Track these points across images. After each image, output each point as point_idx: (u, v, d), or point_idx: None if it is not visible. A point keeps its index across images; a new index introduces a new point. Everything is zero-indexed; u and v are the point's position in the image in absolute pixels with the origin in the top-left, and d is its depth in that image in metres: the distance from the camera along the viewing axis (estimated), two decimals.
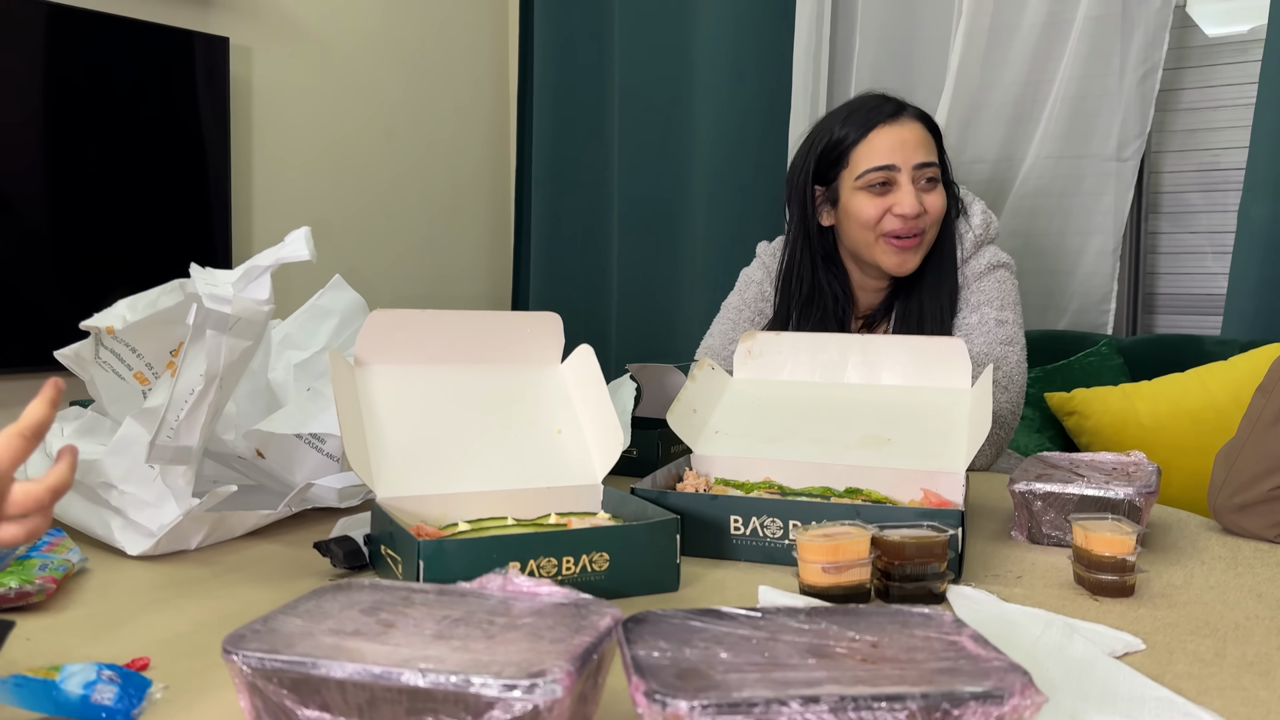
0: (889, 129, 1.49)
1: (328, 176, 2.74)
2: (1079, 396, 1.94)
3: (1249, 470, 1.02)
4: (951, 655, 0.53)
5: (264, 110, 2.60)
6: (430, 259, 2.99)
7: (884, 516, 0.89)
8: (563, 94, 2.94)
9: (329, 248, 2.74)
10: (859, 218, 1.50)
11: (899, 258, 1.50)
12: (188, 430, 0.91)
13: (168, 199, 2.33)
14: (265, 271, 0.95)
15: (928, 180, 1.49)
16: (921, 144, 1.49)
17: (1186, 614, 0.80)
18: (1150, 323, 2.42)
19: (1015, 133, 2.35)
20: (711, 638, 0.55)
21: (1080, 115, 2.27)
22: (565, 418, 1.01)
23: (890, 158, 1.48)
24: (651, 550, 0.82)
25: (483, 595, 0.62)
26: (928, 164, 1.49)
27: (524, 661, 0.52)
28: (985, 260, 1.54)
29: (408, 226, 2.93)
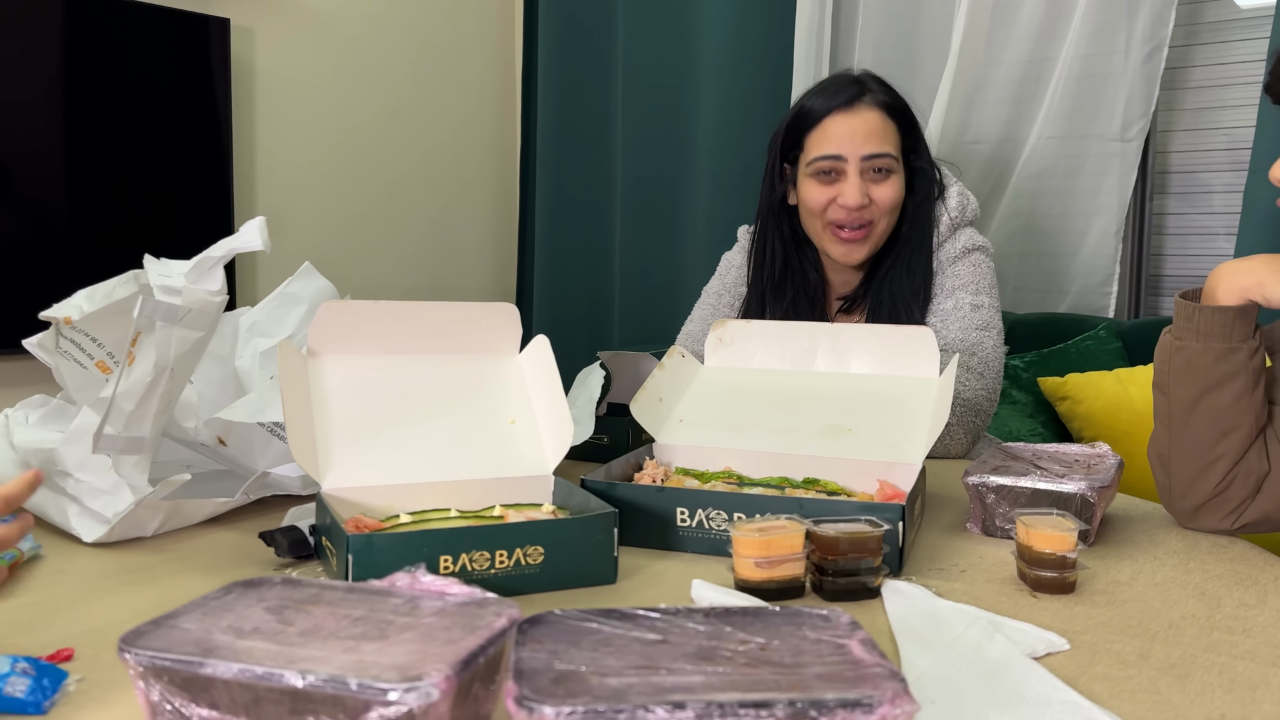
0: (842, 117, 1.47)
1: (332, 158, 2.75)
2: (1072, 381, 1.92)
3: (1186, 472, 1.01)
4: (836, 660, 0.53)
5: (267, 92, 2.61)
6: (435, 240, 3.00)
7: (826, 510, 0.89)
8: (567, 73, 2.93)
9: (332, 229, 2.75)
10: (806, 204, 1.51)
11: (844, 248, 1.49)
12: (138, 421, 0.92)
13: (168, 181, 2.35)
14: (218, 263, 0.96)
15: (877, 171, 1.47)
16: (874, 134, 1.46)
17: (1122, 612, 0.79)
18: (1156, 305, 2.39)
19: (1018, 112, 2.31)
20: (602, 640, 0.56)
21: (1084, 94, 2.24)
22: (519, 408, 1.01)
23: (838, 147, 1.46)
24: (587, 544, 0.83)
25: (390, 594, 0.63)
26: (878, 155, 1.46)
27: (407, 664, 0.52)
28: (961, 244, 1.52)
29: (412, 208, 2.94)
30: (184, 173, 2.38)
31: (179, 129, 2.36)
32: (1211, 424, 1.00)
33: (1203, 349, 0.99)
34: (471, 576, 0.79)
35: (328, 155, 2.75)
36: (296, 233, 2.68)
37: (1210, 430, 1.00)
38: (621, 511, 0.93)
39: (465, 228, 3.08)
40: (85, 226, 2.21)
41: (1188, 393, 1.01)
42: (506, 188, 3.16)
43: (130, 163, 2.28)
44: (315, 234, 2.72)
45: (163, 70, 2.33)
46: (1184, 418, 1.01)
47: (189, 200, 2.38)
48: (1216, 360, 0.99)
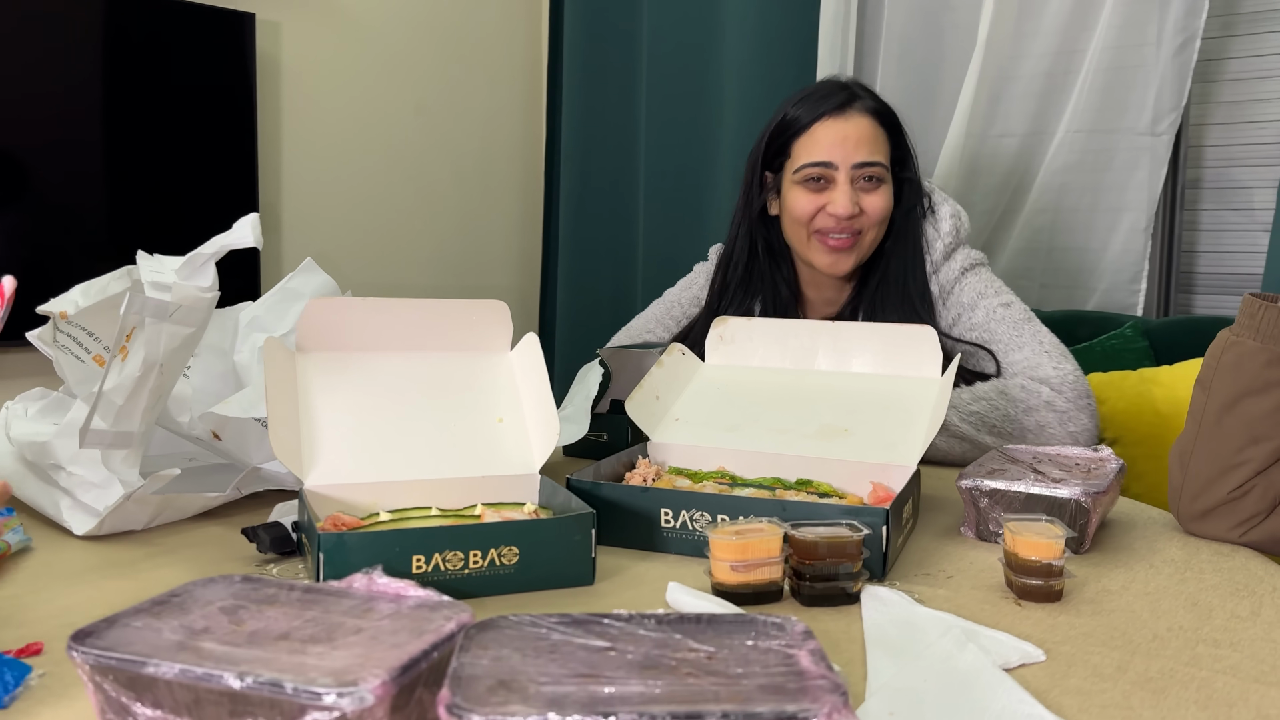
0: (832, 123, 1.43)
1: (357, 153, 2.77)
2: (1093, 381, 1.87)
3: (1204, 473, 0.98)
4: (781, 671, 0.52)
5: (293, 87, 2.63)
6: (460, 236, 3.00)
7: (810, 514, 0.87)
8: (592, 68, 2.93)
9: (357, 224, 2.77)
10: (793, 212, 1.46)
11: (831, 258, 1.45)
12: (127, 416, 0.93)
13: (192, 176, 2.37)
14: (210, 259, 0.96)
15: (868, 179, 1.43)
16: (866, 141, 1.43)
17: (1106, 623, 0.77)
18: (1187, 303, 2.34)
19: (1045, 106, 2.27)
20: (549, 647, 0.55)
21: (1113, 87, 2.19)
22: (508, 407, 1.01)
23: (829, 154, 1.42)
24: (563, 545, 0.82)
25: (347, 596, 0.63)
26: (870, 163, 1.42)
27: (346, 668, 0.52)
28: (958, 265, 1.47)
29: (437, 203, 2.95)
30: (209, 167, 2.40)
31: (204, 124, 2.38)
32: (1244, 428, 0.97)
33: (1257, 349, 0.96)
34: (445, 577, 0.78)
35: (353, 150, 2.76)
36: (321, 228, 2.70)
37: (1241, 434, 0.97)
38: (605, 512, 0.93)
39: (490, 223, 3.08)
40: (106, 220, 2.24)
41: (1229, 391, 0.98)
42: (532, 183, 3.17)
43: (153, 157, 2.31)
44: (340, 229, 2.74)
45: (188, 65, 2.35)
46: (1218, 416, 0.98)
47: (214, 195, 2.41)
48: (1269, 364, 0.96)
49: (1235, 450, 0.97)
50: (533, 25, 3.14)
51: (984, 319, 1.44)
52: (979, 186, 2.35)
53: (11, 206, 2.13)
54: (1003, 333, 1.42)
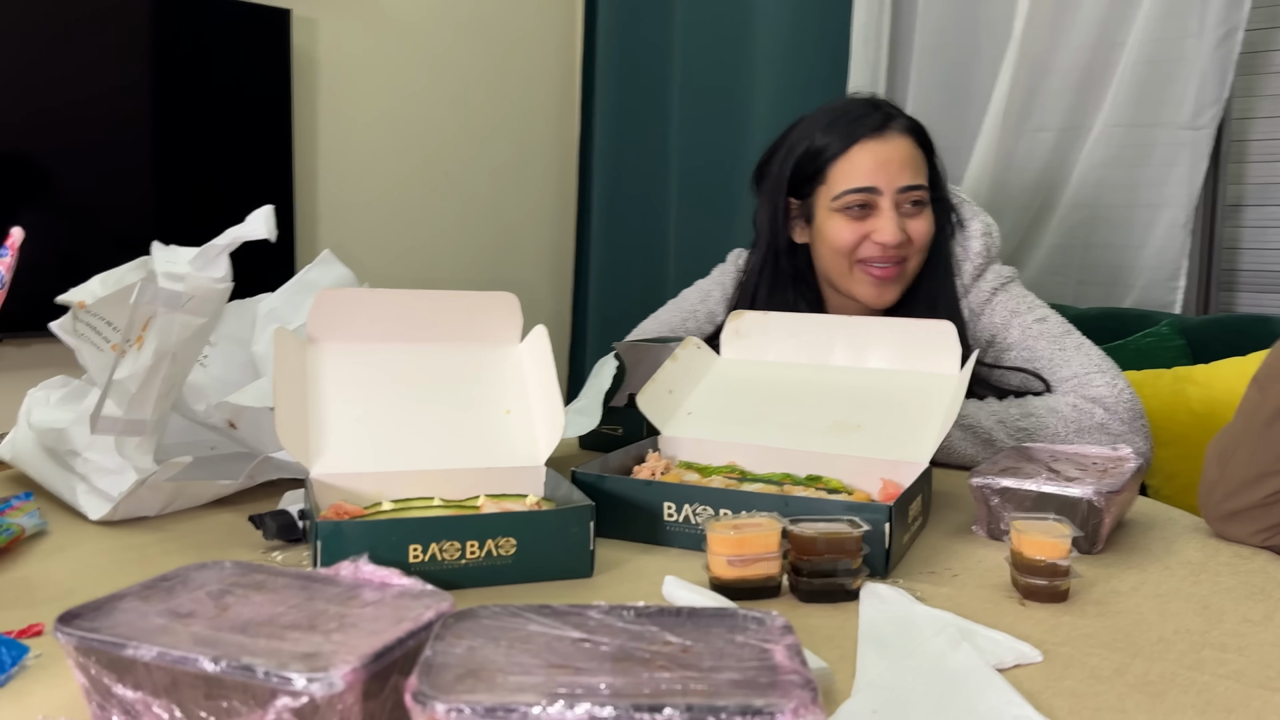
0: (872, 145, 1.34)
1: (393, 148, 2.79)
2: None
3: (1241, 474, 0.96)
4: (754, 665, 0.52)
5: (329, 83, 2.65)
6: (494, 230, 3.02)
7: (813, 509, 0.87)
8: (626, 64, 2.93)
9: (392, 219, 2.79)
10: (834, 243, 1.37)
11: (876, 289, 1.37)
12: (140, 404, 0.94)
13: (228, 171, 2.40)
14: (223, 250, 0.98)
15: (913, 204, 1.35)
16: (908, 163, 1.35)
17: (1110, 624, 0.76)
18: (1230, 302, 2.29)
19: (1082, 99, 2.23)
20: (523, 637, 0.55)
21: (1153, 81, 2.14)
22: (516, 399, 1.01)
23: (872, 179, 1.33)
24: (561, 537, 0.82)
25: (333, 583, 0.63)
26: (914, 186, 1.35)
27: (321, 653, 0.52)
28: (988, 286, 1.39)
29: (472, 197, 2.96)
30: (245, 163, 2.43)
31: (239, 120, 2.41)
32: None
33: None
34: (442, 567, 0.79)
35: (388, 146, 2.79)
36: (356, 223, 2.72)
37: None
38: (609, 505, 0.93)
39: (524, 219, 3.09)
40: (142, 216, 2.28)
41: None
42: (565, 179, 3.17)
43: (189, 153, 2.34)
44: (374, 224, 2.76)
45: (224, 61, 2.38)
46: (1270, 420, 0.95)
47: (249, 191, 2.44)
48: None
49: (1278, 457, 0.94)
50: (568, 22, 3.14)
51: (1020, 337, 1.36)
52: (1014, 182, 2.31)
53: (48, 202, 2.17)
54: (1044, 349, 1.34)
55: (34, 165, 2.15)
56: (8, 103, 2.08)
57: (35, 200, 2.16)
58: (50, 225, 2.18)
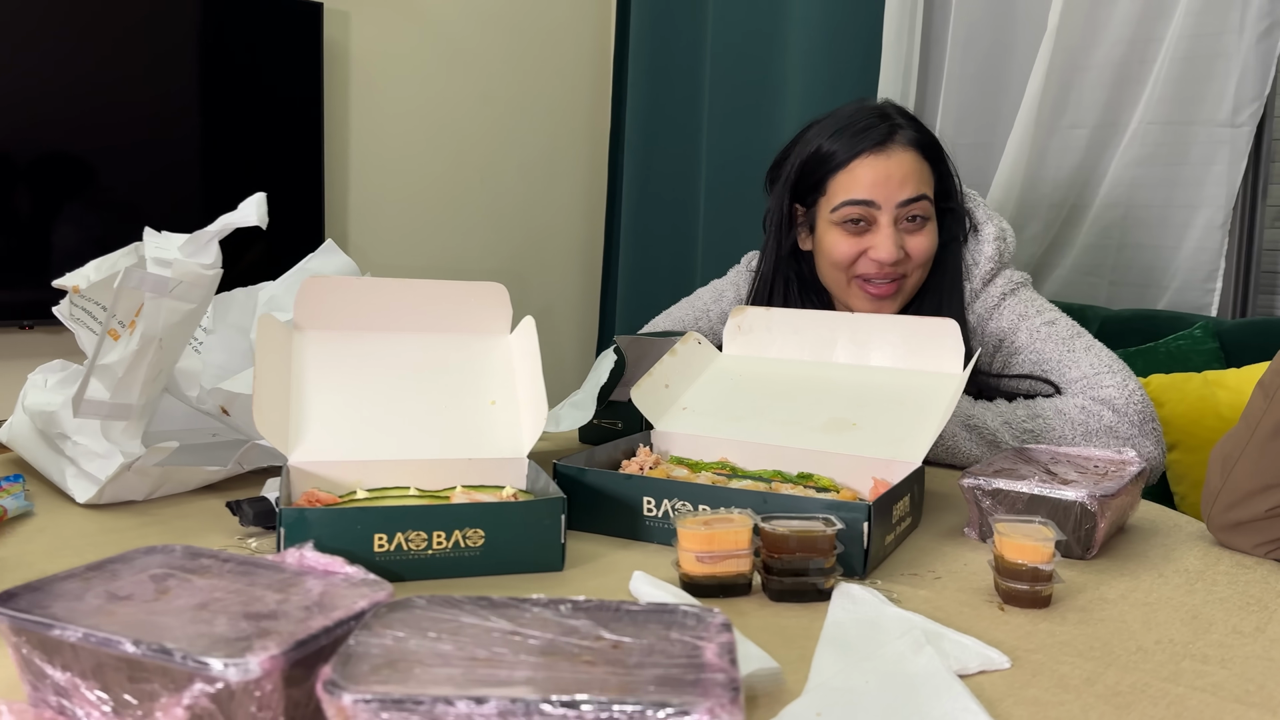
0: (873, 159, 1.31)
1: (423, 141, 2.80)
2: (1155, 383, 1.79)
3: (1244, 485, 0.92)
4: (682, 663, 0.50)
5: (361, 76, 2.67)
6: (524, 225, 3.02)
7: (793, 507, 0.85)
8: (657, 59, 2.92)
9: (423, 213, 2.80)
10: (831, 256, 1.35)
11: (873, 305, 1.34)
12: (126, 388, 0.94)
13: (258, 164, 2.43)
14: (214, 237, 0.98)
15: (912, 219, 1.32)
16: (910, 177, 1.31)
17: (1090, 632, 0.73)
18: (1269, 305, 2.22)
19: (1118, 96, 2.17)
20: (453, 629, 0.54)
21: (1191, 76, 2.08)
22: (502, 390, 1.00)
23: (871, 193, 1.31)
24: (531, 529, 0.81)
25: (278, 570, 0.62)
26: (915, 199, 1.31)
27: (245, 639, 0.52)
28: (997, 291, 1.36)
29: (502, 192, 2.97)
30: (275, 156, 2.45)
31: (270, 113, 2.44)
32: None
33: None
34: (409, 557, 0.78)
35: (419, 139, 2.80)
36: (386, 216, 2.74)
37: None
38: (589, 499, 0.92)
39: (554, 215, 3.09)
40: (171, 210, 2.31)
41: None
42: (595, 174, 3.16)
43: (219, 146, 2.37)
44: (405, 219, 2.78)
45: (255, 54, 2.41)
46: (1275, 429, 0.91)
47: (279, 183, 2.46)
48: None
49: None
50: (600, 18, 3.13)
51: (1028, 340, 1.32)
52: (1047, 180, 2.26)
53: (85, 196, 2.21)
54: (1052, 351, 1.30)
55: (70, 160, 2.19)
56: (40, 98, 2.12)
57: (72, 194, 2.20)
58: (82, 217, 2.21)
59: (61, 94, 2.15)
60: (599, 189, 3.17)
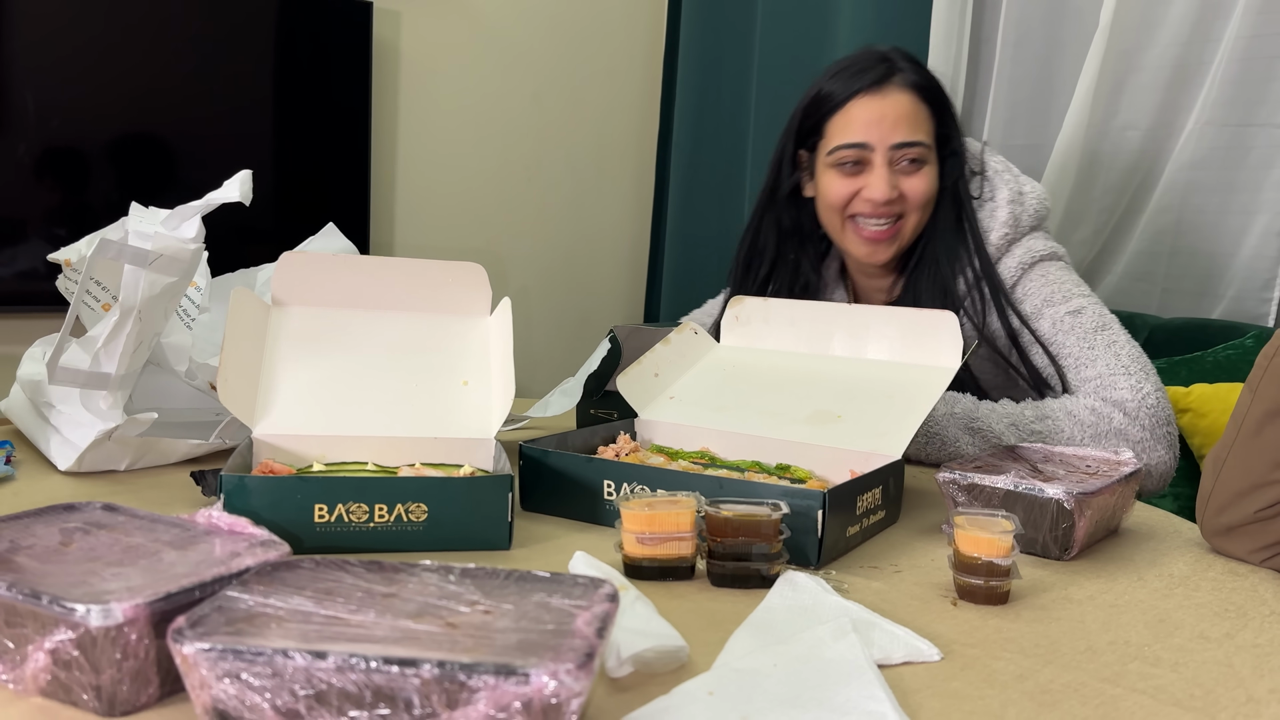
0: (869, 100, 1.30)
1: (471, 140, 2.82)
2: (1196, 392, 1.72)
3: (1232, 486, 0.87)
4: (549, 630, 0.49)
5: (411, 75, 2.70)
6: (572, 225, 3.02)
7: (748, 492, 0.82)
8: (707, 61, 2.90)
9: (471, 211, 2.82)
10: (826, 197, 1.35)
11: (868, 247, 1.33)
12: (106, 358, 0.96)
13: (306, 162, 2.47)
14: (197, 212, 0.99)
15: (909, 162, 1.30)
16: (905, 119, 1.29)
17: (1040, 630, 0.69)
18: None
19: (1173, 97, 2.09)
20: (327, 589, 0.53)
21: (1250, 77, 1.99)
22: (476, 370, 0.99)
23: (864, 134, 1.29)
24: (476, 506, 0.80)
25: (184, 528, 0.62)
26: (910, 144, 1.29)
27: (117, 590, 0.52)
28: (1015, 262, 1.30)
29: (550, 192, 2.97)
30: (324, 154, 2.49)
31: (320, 111, 2.47)
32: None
33: None
34: (350, 529, 0.78)
35: (468, 138, 2.82)
36: (433, 215, 2.76)
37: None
38: (551, 481, 0.91)
39: (602, 212, 3.09)
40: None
41: (1276, 398, 0.87)
42: (644, 175, 3.15)
43: (269, 144, 2.42)
44: (454, 216, 2.80)
45: (305, 55, 2.45)
46: (1259, 424, 0.87)
47: (326, 181, 2.49)
48: None
49: (1271, 466, 0.85)
50: (651, 18, 3.12)
51: (1050, 330, 1.26)
52: (1098, 183, 2.19)
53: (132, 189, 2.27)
54: (1072, 345, 1.24)
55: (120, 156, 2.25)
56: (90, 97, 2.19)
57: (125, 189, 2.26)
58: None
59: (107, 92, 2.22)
60: (646, 190, 3.16)
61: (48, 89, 2.12)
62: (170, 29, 2.26)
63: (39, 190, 2.14)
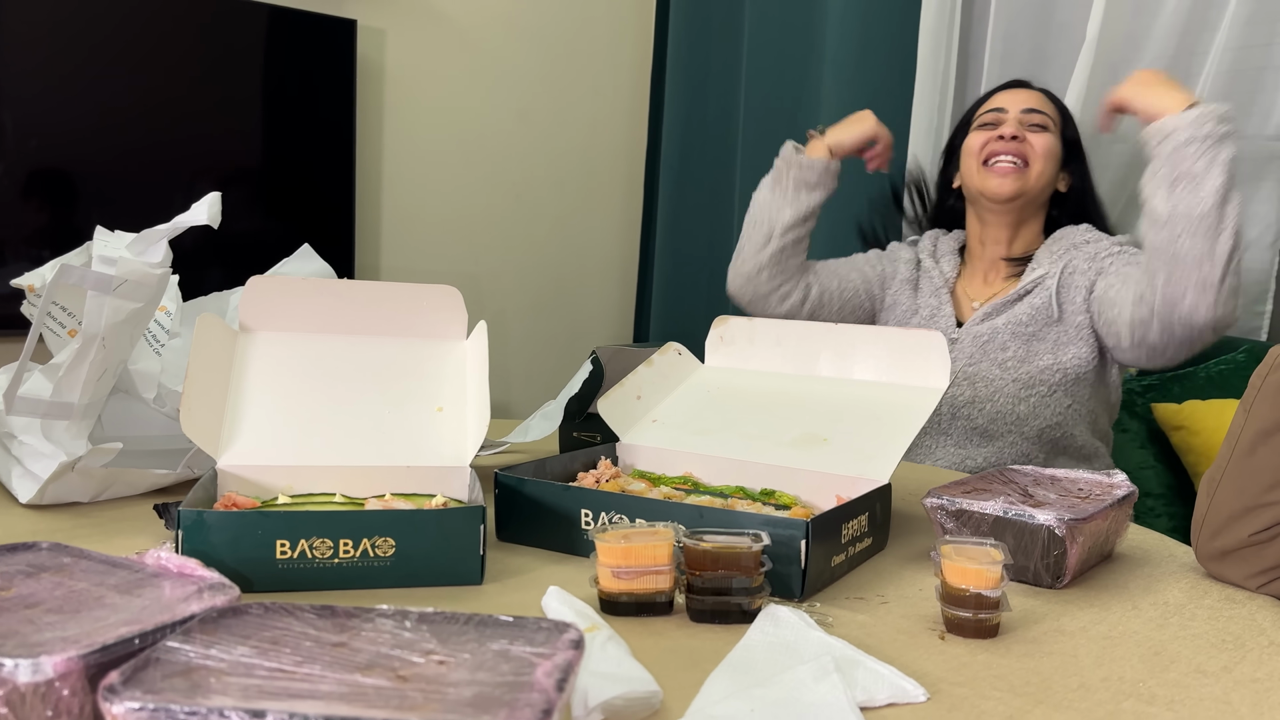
0: (1007, 91, 1.65)
1: (457, 158, 2.80)
2: (1189, 409, 1.70)
3: (1226, 508, 0.84)
4: (507, 683, 0.46)
5: (396, 93, 2.68)
6: (560, 242, 3.00)
7: (729, 521, 0.79)
8: (694, 77, 2.88)
9: (458, 230, 2.80)
10: (969, 148, 1.63)
11: (996, 179, 1.57)
12: (69, 386, 0.93)
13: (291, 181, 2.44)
14: (163, 236, 0.97)
15: (1035, 125, 1.59)
16: (1034, 100, 1.61)
17: (1032, 666, 0.67)
18: None
19: None
20: (276, 638, 0.50)
21: (1237, 90, 1.98)
22: (452, 396, 0.97)
23: (1001, 103, 1.62)
24: (447, 539, 0.77)
25: (132, 570, 0.60)
26: (1038, 110, 1.60)
27: (50, 641, 0.49)
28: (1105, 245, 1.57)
29: (538, 210, 2.95)
30: (309, 173, 2.46)
31: (304, 130, 2.45)
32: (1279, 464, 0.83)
33: None
34: (313, 565, 0.75)
35: (454, 156, 2.80)
36: (419, 233, 2.74)
37: (1275, 470, 0.83)
38: (528, 510, 0.88)
39: (590, 230, 3.07)
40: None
41: (1269, 417, 0.84)
42: (632, 190, 3.14)
43: (253, 163, 2.39)
44: (441, 236, 2.77)
45: (288, 72, 2.43)
46: (1252, 445, 0.85)
47: (311, 200, 2.47)
48: None
49: (1265, 489, 0.83)
50: (639, 34, 3.11)
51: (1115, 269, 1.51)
52: None
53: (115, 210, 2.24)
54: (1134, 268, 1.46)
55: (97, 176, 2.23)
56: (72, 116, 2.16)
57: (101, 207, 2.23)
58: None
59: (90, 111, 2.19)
60: (635, 206, 3.14)
61: (28, 108, 2.10)
62: (153, 48, 2.24)
63: (21, 211, 2.12)
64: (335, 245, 2.51)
